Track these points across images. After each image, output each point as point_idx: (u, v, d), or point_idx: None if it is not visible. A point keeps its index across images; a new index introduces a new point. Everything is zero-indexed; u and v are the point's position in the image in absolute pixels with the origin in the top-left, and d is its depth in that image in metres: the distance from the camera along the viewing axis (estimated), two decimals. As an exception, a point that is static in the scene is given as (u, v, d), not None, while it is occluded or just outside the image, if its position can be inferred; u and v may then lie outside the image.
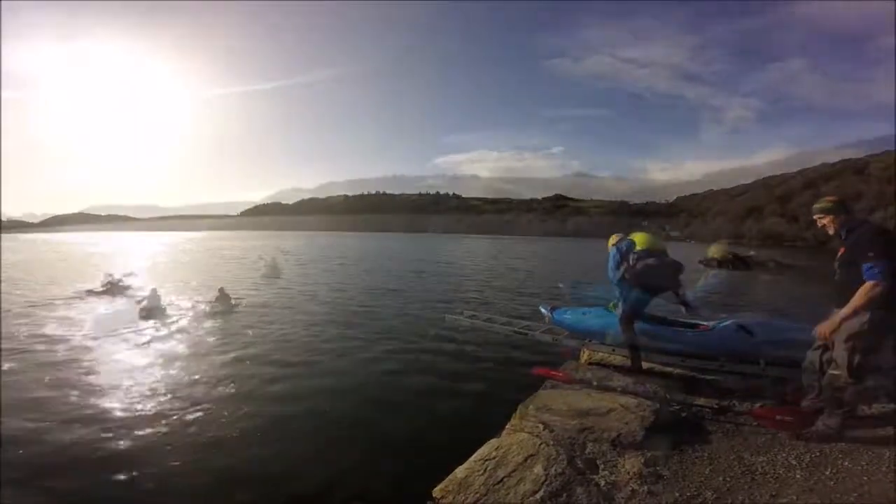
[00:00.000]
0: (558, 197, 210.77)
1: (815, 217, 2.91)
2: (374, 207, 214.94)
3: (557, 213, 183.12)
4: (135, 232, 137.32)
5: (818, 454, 2.55)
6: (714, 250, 29.78)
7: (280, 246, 47.42)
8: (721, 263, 28.16)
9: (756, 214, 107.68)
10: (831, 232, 2.82)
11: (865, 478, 2.28)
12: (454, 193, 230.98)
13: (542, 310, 5.09)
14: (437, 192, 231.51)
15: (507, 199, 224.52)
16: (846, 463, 2.44)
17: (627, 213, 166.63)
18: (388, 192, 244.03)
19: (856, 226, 2.73)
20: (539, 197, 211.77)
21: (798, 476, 2.35)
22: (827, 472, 2.36)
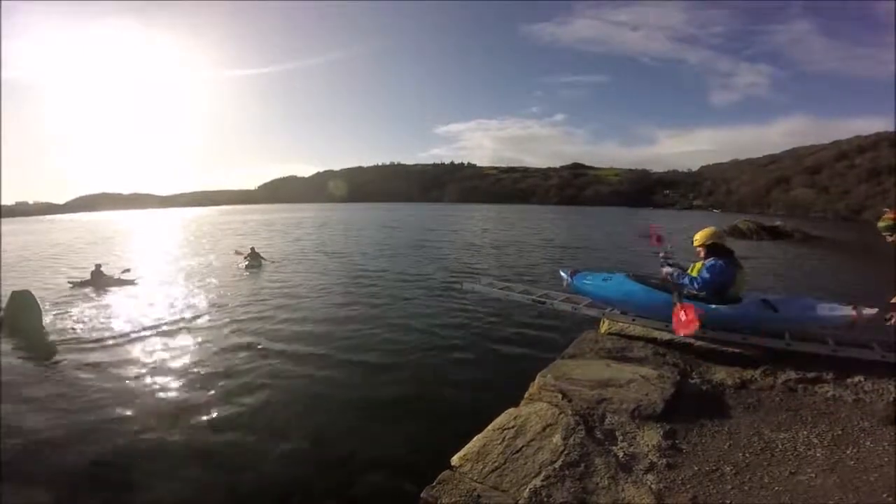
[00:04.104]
0: (576, 165, 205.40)
1: (883, 234, 3.21)
2: (389, 177, 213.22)
3: (576, 181, 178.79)
4: (161, 209, 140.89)
5: (840, 433, 2.53)
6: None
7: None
8: (747, 234, 27.51)
9: (783, 185, 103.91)
10: None
11: (887, 458, 2.27)
12: (469, 163, 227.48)
13: (563, 274, 5.00)
14: (452, 162, 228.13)
15: (524, 167, 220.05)
16: (868, 442, 2.42)
17: (649, 182, 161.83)
18: (402, 162, 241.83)
19: None
20: (555, 165, 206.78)
21: (819, 454, 2.35)
22: (848, 452, 2.35)
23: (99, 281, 12.91)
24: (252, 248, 17.38)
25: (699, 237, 4.02)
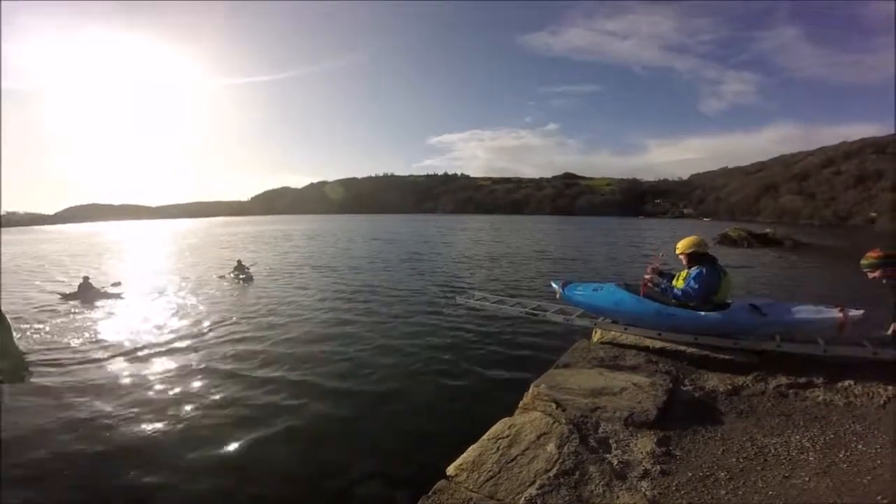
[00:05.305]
0: (568, 175, 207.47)
1: (864, 271, 3.42)
2: (383, 188, 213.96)
3: (569, 191, 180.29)
4: (153, 220, 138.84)
5: (833, 436, 2.55)
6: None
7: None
8: (737, 241, 27.79)
9: (772, 192, 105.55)
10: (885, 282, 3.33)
11: (879, 461, 2.28)
12: (462, 173, 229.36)
13: (555, 285, 5.04)
14: (446, 173, 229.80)
15: (517, 178, 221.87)
16: (861, 446, 2.44)
17: (640, 192, 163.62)
18: (396, 173, 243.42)
19: None
20: (547, 176, 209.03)
21: (811, 458, 2.36)
22: (841, 455, 2.36)
23: (87, 294, 12.69)
24: (238, 261, 17.17)
25: (681, 246, 4.15)
